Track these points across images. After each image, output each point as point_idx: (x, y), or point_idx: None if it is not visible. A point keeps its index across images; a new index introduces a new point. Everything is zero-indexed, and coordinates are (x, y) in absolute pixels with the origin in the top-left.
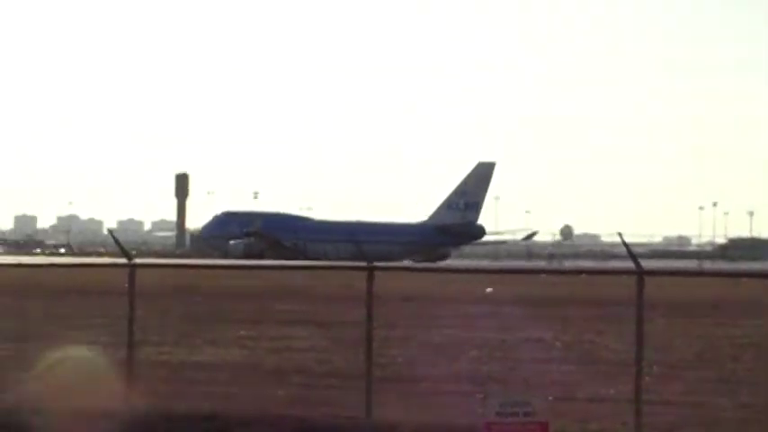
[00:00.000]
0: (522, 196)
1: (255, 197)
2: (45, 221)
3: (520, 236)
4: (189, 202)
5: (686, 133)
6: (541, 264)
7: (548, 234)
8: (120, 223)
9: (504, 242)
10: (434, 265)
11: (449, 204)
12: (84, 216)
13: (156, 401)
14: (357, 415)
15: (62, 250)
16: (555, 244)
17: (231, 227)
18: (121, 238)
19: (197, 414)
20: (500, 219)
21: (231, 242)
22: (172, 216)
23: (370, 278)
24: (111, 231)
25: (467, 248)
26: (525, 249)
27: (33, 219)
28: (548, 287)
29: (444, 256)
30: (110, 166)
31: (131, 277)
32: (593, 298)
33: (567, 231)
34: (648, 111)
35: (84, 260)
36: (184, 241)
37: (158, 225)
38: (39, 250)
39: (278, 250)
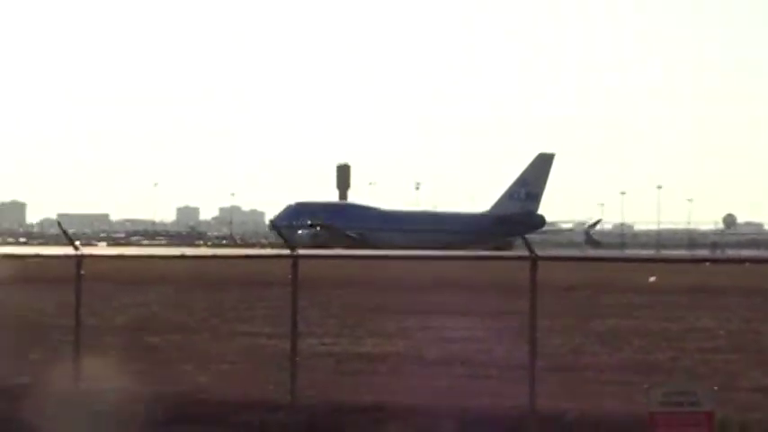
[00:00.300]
0: (684, 185)
1: (417, 188)
2: (207, 213)
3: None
4: (350, 194)
5: None
6: (704, 252)
7: (710, 223)
8: None
9: (568, 230)
10: (597, 255)
11: (510, 195)
12: (245, 207)
13: (322, 392)
14: (520, 405)
15: (224, 242)
16: (718, 233)
17: (302, 217)
18: None
19: (363, 405)
20: (662, 208)
21: (299, 232)
22: None
23: (534, 268)
24: (272, 222)
25: (535, 237)
26: (686, 238)
27: (196, 210)
28: (711, 276)
29: (508, 246)
30: (272, 158)
31: (294, 268)
32: (757, 287)
33: (730, 220)
34: None
35: (247, 251)
36: None
37: None
38: (201, 242)
39: (342, 240)
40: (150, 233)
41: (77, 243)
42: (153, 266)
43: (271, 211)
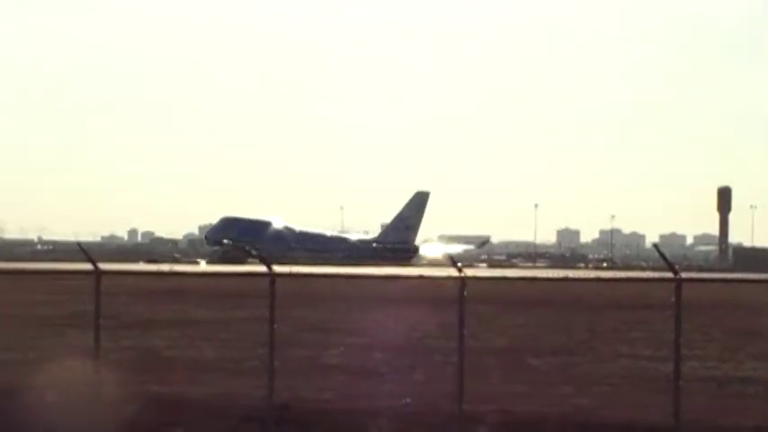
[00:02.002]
0: None
1: None
2: (587, 235)
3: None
4: (731, 216)
5: None
6: None
7: None
8: (662, 237)
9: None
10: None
11: (393, 226)
12: (626, 230)
13: (705, 416)
14: None
15: (604, 264)
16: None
17: (228, 231)
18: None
19: (744, 429)
20: None
21: (214, 249)
22: (714, 230)
23: None
24: (655, 245)
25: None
26: None
27: (576, 233)
28: None
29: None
30: (650, 181)
31: (678, 290)
32: None
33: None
34: None
35: (627, 274)
36: (727, 256)
37: (700, 239)
38: (582, 264)
39: (246, 257)
40: (531, 255)
41: (459, 265)
42: (535, 288)
43: (651, 235)
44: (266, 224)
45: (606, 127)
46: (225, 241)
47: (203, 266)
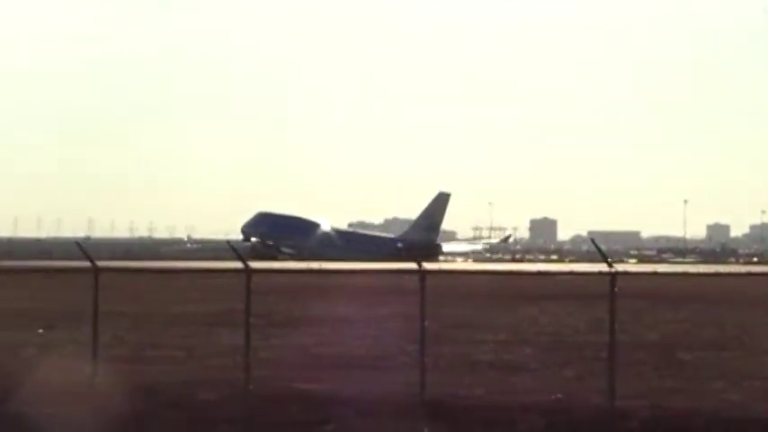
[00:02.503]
0: None
1: None
2: (738, 230)
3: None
4: None
5: None
6: None
7: None
8: None
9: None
10: None
11: (415, 225)
12: None
13: None
14: None
15: (755, 259)
16: None
17: (261, 227)
18: None
19: None
20: None
21: (247, 244)
22: None
23: None
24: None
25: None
26: None
27: (726, 228)
28: None
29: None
30: None
31: None
32: None
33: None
34: None
35: None
36: None
37: None
38: (732, 259)
39: (276, 254)
40: (681, 250)
41: (609, 260)
42: (685, 283)
43: None
44: (298, 220)
45: (758, 122)
46: (252, 239)
47: (350, 264)
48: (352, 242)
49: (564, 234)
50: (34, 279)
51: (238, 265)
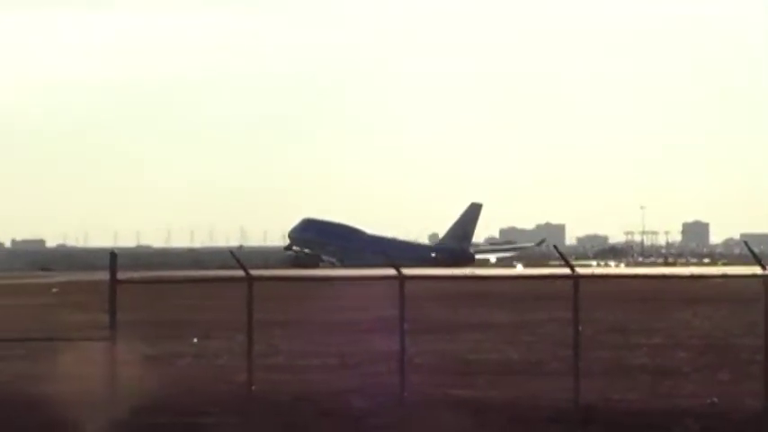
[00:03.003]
0: None
1: None
2: None
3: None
4: None
5: None
6: None
7: None
8: None
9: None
10: None
11: (450, 234)
12: None
13: None
14: None
15: None
16: None
17: (307, 233)
18: None
19: None
20: None
21: (287, 253)
22: None
23: None
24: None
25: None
26: None
27: None
28: None
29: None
30: None
31: None
32: None
33: None
34: None
35: None
36: None
37: None
38: None
39: (317, 262)
40: None
41: (763, 263)
42: None
43: None
44: (341, 227)
45: None
46: (294, 248)
47: (500, 270)
48: (390, 248)
49: (716, 237)
50: (188, 289)
51: (391, 272)
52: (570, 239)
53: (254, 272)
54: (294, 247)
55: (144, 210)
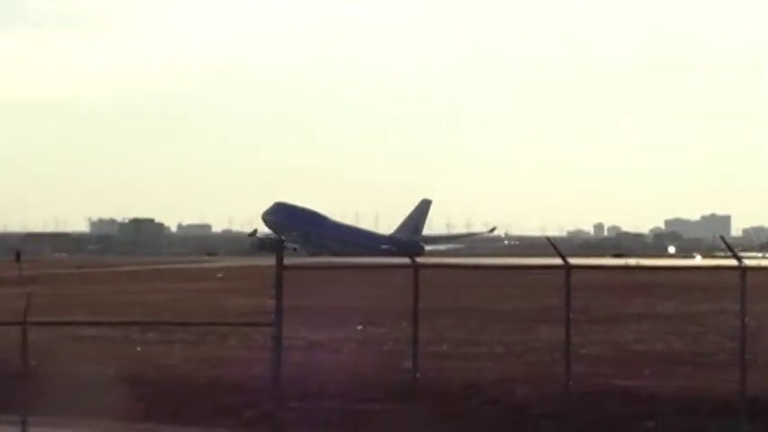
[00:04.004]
0: None
1: None
2: None
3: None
4: None
5: None
6: None
7: None
8: None
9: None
10: None
11: (402, 227)
12: None
13: None
14: None
15: None
16: None
17: (278, 216)
18: None
19: None
20: None
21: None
22: None
23: None
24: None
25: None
26: None
27: None
28: None
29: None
30: None
31: None
32: None
33: None
34: None
35: None
36: None
37: None
38: None
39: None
40: None
41: None
42: None
43: None
44: (310, 212)
45: None
46: (258, 233)
47: (663, 260)
48: (350, 236)
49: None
50: (353, 275)
51: (557, 261)
52: (736, 231)
53: (420, 259)
54: (257, 233)
55: (304, 197)
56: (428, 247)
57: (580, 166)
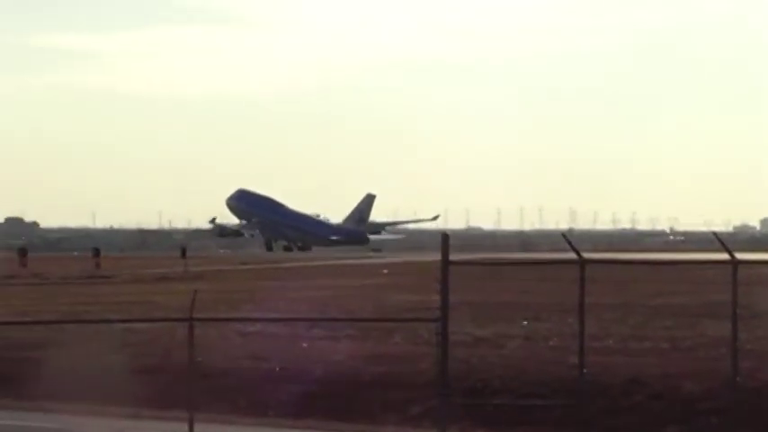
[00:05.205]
0: None
1: None
2: None
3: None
4: None
5: None
6: None
7: None
8: None
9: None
10: None
11: (349, 218)
12: None
13: None
14: None
15: None
16: None
17: (240, 203)
18: None
19: None
20: None
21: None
22: None
23: None
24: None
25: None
26: None
27: None
28: None
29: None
30: None
31: None
32: None
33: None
34: None
35: None
36: None
37: None
38: None
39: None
40: None
41: None
42: None
43: None
44: (269, 200)
45: None
46: (217, 220)
47: None
48: (305, 225)
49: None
50: (518, 271)
51: (723, 256)
52: None
53: (586, 255)
54: (217, 221)
55: (473, 191)
56: (372, 237)
57: (747, 160)
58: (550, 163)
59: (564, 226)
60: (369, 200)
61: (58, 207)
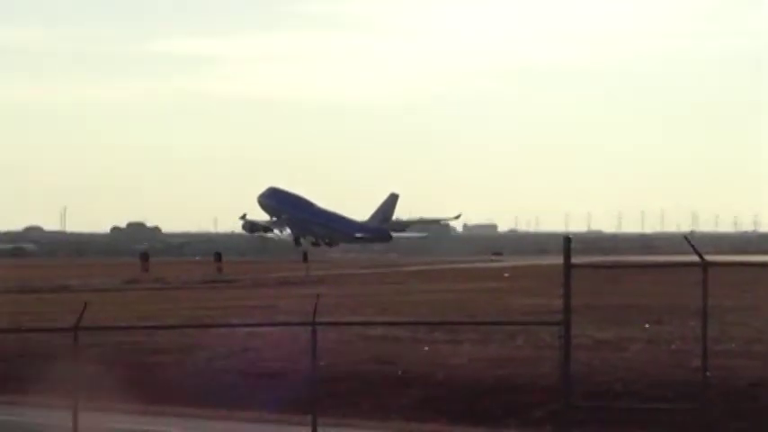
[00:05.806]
0: None
1: None
2: None
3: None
4: None
5: None
6: None
7: None
8: None
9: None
10: None
11: (373, 216)
12: None
13: None
14: None
15: None
16: None
17: (270, 200)
18: None
19: None
20: None
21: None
22: None
23: None
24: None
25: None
26: None
27: None
28: None
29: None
30: None
31: None
32: None
33: None
34: None
35: None
36: None
37: None
38: None
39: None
40: None
41: None
42: None
43: None
44: (299, 198)
45: None
46: (247, 216)
47: None
48: (333, 222)
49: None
50: (640, 274)
51: None
52: None
53: (709, 257)
54: (247, 217)
55: (595, 194)
56: (394, 234)
57: None
58: (672, 165)
59: (685, 229)
60: (392, 199)
61: (180, 212)
